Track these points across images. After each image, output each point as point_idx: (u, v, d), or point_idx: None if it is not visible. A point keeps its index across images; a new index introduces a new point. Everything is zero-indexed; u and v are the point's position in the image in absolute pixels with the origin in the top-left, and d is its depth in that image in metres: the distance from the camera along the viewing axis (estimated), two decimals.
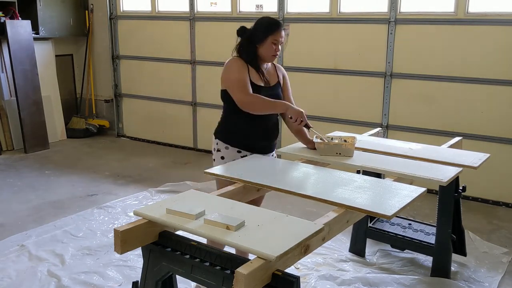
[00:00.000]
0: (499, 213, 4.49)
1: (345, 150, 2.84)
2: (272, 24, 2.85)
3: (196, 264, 1.81)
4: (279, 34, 2.83)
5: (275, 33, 2.82)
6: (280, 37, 2.84)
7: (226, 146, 2.87)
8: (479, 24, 4.54)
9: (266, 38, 2.82)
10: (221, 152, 2.88)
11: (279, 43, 2.85)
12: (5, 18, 6.04)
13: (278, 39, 2.83)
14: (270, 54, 2.85)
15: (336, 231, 2.07)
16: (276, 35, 2.82)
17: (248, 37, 2.89)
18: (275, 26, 2.84)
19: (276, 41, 2.83)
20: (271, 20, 2.89)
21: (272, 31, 2.82)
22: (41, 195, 4.74)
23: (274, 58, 2.91)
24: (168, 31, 6.45)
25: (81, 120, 7.16)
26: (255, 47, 2.86)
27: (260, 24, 2.89)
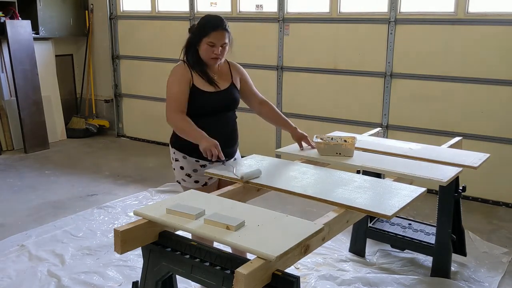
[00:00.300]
0: (499, 213, 4.49)
1: (345, 150, 2.84)
2: (209, 26, 2.61)
3: (196, 264, 1.81)
4: (215, 36, 2.58)
5: (210, 35, 2.58)
6: (217, 39, 2.58)
7: (183, 155, 2.71)
8: (479, 24, 4.54)
9: (201, 40, 2.60)
10: (179, 162, 2.74)
11: (218, 45, 2.60)
12: (5, 18, 6.04)
13: (215, 41, 2.58)
14: (208, 57, 2.63)
15: (336, 231, 2.07)
16: (211, 37, 2.58)
17: (191, 36, 2.69)
18: (211, 28, 2.59)
19: (212, 43, 2.59)
20: (207, 21, 2.65)
21: (206, 33, 2.58)
22: (41, 195, 4.74)
23: (215, 62, 2.66)
24: (168, 31, 6.45)
25: (81, 120, 7.16)
26: (196, 48, 2.67)
27: (199, 23, 2.67)
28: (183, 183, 2.78)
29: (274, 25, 5.59)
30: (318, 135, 2.95)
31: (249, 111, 3.04)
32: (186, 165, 2.72)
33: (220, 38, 2.60)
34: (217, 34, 2.59)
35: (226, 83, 2.77)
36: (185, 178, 2.75)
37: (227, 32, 2.63)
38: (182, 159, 2.72)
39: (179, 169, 2.75)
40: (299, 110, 5.59)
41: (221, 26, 2.61)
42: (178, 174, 2.79)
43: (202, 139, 2.52)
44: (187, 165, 2.72)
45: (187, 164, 2.72)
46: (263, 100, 2.94)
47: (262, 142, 5.73)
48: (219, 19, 2.65)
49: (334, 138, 2.97)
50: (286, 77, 5.66)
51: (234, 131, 2.83)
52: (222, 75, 2.78)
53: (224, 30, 2.62)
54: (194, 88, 2.65)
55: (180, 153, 2.72)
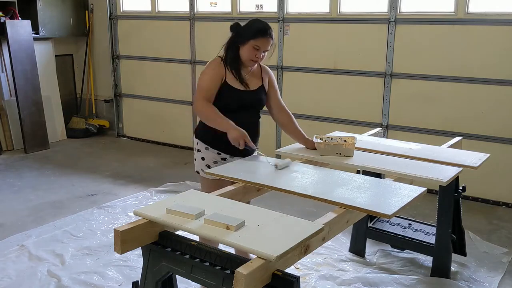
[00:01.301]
0: (499, 213, 4.49)
1: (345, 150, 2.84)
2: (259, 30, 2.73)
3: (196, 264, 1.81)
4: (262, 41, 2.71)
5: (258, 39, 2.70)
6: (263, 44, 2.72)
7: (206, 147, 2.82)
8: (479, 24, 4.54)
9: (248, 41, 2.71)
10: (201, 153, 2.84)
11: (262, 50, 2.73)
12: (5, 18, 6.04)
13: (261, 46, 2.72)
14: (249, 58, 2.74)
15: (336, 231, 2.07)
16: (258, 41, 2.71)
17: (235, 34, 2.79)
18: (261, 33, 2.71)
19: (257, 47, 2.72)
20: (260, 25, 2.76)
21: (255, 37, 2.70)
22: (41, 195, 4.74)
23: (253, 64, 2.79)
24: (168, 31, 6.45)
25: (81, 120, 7.16)
26: (238, 47, 2.76)
27: (249, 24, 2.78)
28: (202, 174, 2.83)
29: (274, 25, 5.59)
30: (318, 135, 2.96)
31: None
32: (207, 156, 2.82)
33: (266, 45, 2.74)
34: (265, 40, 2.72)
35: (256, 84, 2.87)
36: (204, 169, 2.81)
37: (272, 40, 2.77)
38: (205, 150, 2.83)
39: (200, 159, 2.85)
40: (299, 110, 5.58)
41: (269, 34, 2.74)
42: (198, 164, 2.87)
43: (230, 128, 2.64)
44: (208, 156, 2.82)
45: (208, 155, 2.82)
46: (283, 109, 3.02)
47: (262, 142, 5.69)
48: (269, 26, 2.78)
49: (334, 138, 2.97)
50: (286, 77, 5.66)
51: (256, 131, 2.92)
52: (253, 76, 2.88)
53: (271, 38, 2.75)
54: (226, 84, 2.76)
55: (203, 144, 2.83)
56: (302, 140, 3.01)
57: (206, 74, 2.78)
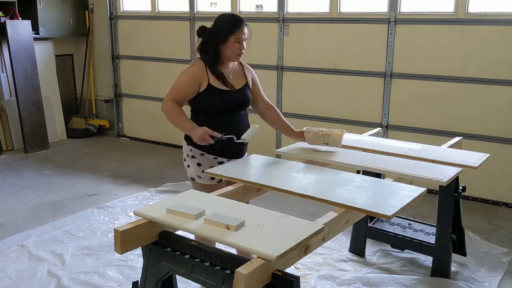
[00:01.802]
0: (499, 213, 4.49)
1: (332, 141, 2.88)
2: (232, 23, 2.71)
3: (196, 264, 1.81)
4: (241, 32, 2.70)
5: (236, 32, 2.69)
6: (243, 34, 2.71)
7: (201, 153, 2.80)
8: (479, 24, 4.54)
9: (228, 38, 2.69)
10: (196, 159, 2.83)
11: (242, 40, 2.72)
12: (5, 18, 6.04)
13: (241, 37, 2.71)
14: (235, 53, 2.73)
15: (336, 231, 2.07)
16: (238, 34, 2.69)
17: (209, 37, 2.75)
18: (236, 24, 2.70)
19: (239, 39, 2.70)
20: (231, 18, 2.75)
21: (233, 30, 2.69)
22: (41, 195, 4.74)
23: (239, 58, 2.79)
24: (168, 31, 6.45)
25: (81, 120, 7.16)
26: (217, 47, 2.73)
27: (220, 23, 2.75)
28: (198, 180, 2.83)
29: (274, 25, 5.59)
30: (308, 127, 2.99)
31: (249, 110, 3.04)
32: (203, 161, 2.81)
33: (244, 34, 2.73)
34: (241, 30, 2.72)
35: (241, 83, 2.85)
36: (201, 175, 2.81)
37: (247, 27, 2.76)
38: (200, 156, 2.81)
39: (196, 166, 2.83)
40: (299, 110, 5.59)
41: (243, 22, 2.74)
42: (193, 171, 2.86)
43: (193, 129, 2.65)
44: (204, 162, 2.81)
45: (204, 161, 2.81)
46: (269, 105, 3.00)
47: (262, 142, 5.72)
48: (239, 17, 2.77)
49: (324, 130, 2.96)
50: (286, 77, 5.66)
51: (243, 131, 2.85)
52: (236, 75, 2.86)
53: (246, 26, 2.75)
54: (210, 87, 2.72)
55: (198, 150, 2.81)
56: (292, 133, 3.00)
57: (183, 76, 2.75)
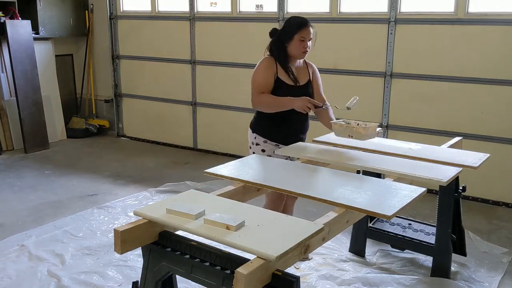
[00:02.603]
0: (499, 213, 4.49)
1: (356, 133, 2.95)
2: (298, 23, 3.06)
3: (196, 264, 1.81)
4: (305, 31, 3.04)
5: (301, 31, 3.03)
6: (307, 34, 3.04)
7: (264, 140, 3.14)
8: (479, 24, 4.54)
9: (293, 36, 3.03)
10: (260, 146, 3.16)
11: (307, 40, 3.04)
12: (5, 18, 6.04)
13: (305, 36, 3.04)
14: (300, 51, 3.06)
15: (336, 231, 2.07)
16: (302, 33, 3.03)
17: (277, 36, 3.10)
18: (302, 24, 3.04)
19: (303, 38, 3.03)
20: (297, 19, 3.09)
21: (298, 29, 3.03)
22: (41, 195, 4.74)
23: (304, 55, 3.11)
24: (168, 31, 6.45)
25: (81, 120, 7.16)
26: (285, 45, 3.07)
27: (287, 23, 3.11)
28: None
29: (274, 25, 5.57)
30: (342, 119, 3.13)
31: (249, 111, 3.08)
32: (267, 148, 3.15)
33: (309, 34, 3.07)
34: (307, 30, 3.06)
35: (305, 79, 3.19)
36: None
37: (312, 29, 3.10)
38: (263, 143, 3.16)
39: (261, 152, 3.16)
40: None
41: (308, 23, 3.08)
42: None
43: (293, 101, 2.99)
44: (268, 148, 3.16)
45: (268, 147, 3.15)
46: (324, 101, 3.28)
47: None
48: (305, 18, 3.12)
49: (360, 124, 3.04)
50: None
51: (306, 121, 3.26)
52: (301, 72, 3.19)
53: (310, 26, 3.08)
54: (278, 80, 3.07)
55: (261, 137, 3.16)
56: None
57: (258, 71, 3.10)
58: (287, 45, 3.07)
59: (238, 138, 5.84)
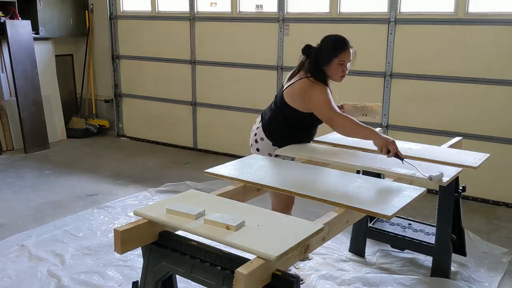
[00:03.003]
0: (499, 213, 4.49)
1: (371, 111, 2.99)
2: (337, 45, 2.81)
3: (196, 264, 1.81)
4: (345, 55, 2.79)
5: (340, 55, 2.78)
6: (346, 57, 2.79)
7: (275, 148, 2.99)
8: (479, 24, 4.54)
9: (332, 60, 2.79)
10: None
11: (347, 62, 2.80)
12: (5, 18, 6.04)
13: (345, 59, 2.79)
14: (338, 75, 2.84)
15: (336, 231, 2.07)
16: (342, 56, 2.78)
17: (314, 57, 2.86)
18: (341, 48, 2.79)
19: (343, 62, 2.79)
20: (336, 40, 2.84)
21: (337, 53, 2.78)
22: (41, 195, 4.74)
23: (342, 79, 2.88)
24: (168, 31, 6.45)
25: (81, 120, 7.16)
26: (322, 68, 2.84)
27: (325, 44, 2.86)
28: None
29: (274, 25, 5.59)
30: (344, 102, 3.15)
31: (249, 111, 3.07)
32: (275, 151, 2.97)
33: (349, 56, 2.81)
34: (347, 53, 2.81)
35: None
36: None
37: (352, 49, 2.84)
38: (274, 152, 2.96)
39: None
40: None
41: (349, 45, 2.81)
42: None
43: (377, 135, 2.65)
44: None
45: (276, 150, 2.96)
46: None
47: None
48: (345, 39, 2.87)
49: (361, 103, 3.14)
50: None
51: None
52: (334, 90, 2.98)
53: (351, 47, 2.83)
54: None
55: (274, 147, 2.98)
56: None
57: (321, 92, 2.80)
58: (325, 68, 2.83)
59: (238, 138, 5.84)
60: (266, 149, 3.03)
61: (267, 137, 3.02)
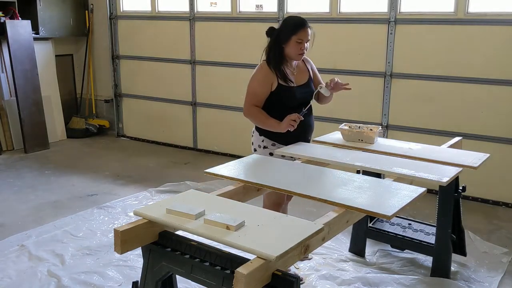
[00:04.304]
0: (499, 213, 4.49)
1: (366, 137, 3.07)
2: (295, 24, 2.96)
3: (196, 264, 1.81)
4: (302, 33, 2.94)
5: (298, 33, 2.93)
6: (304, 36, 2.94)
7: (272, 143, 3.09)
8: (479, 24, 4.54)
9: (290, 38, 2.94)
10: (268, 149, 3.10)
11: (304, 41, 2.96)
12: (5, 18, 6.04)
13: (303, 38, 2.94)
14: (296, 53, 2.98)
15: (336, 231, 2.07)
16: (300, 35, 2.93)
17: (275, 37, 3.02)
18: (299, 26, 2.95)
19: (300, 40, 2.94)
20: (295, 20, 3.00)
21: (296, 31, 2.93)
22: (41, 195, 4.74)
23: (301, 57, 3.04)
24: (168, 31, 6.45)
25: (81, 120, 7.16)
26: (282, 47, 2.99)
27: (284, 24, 3.02)
28: None
29: (274, 25, 5.56)
30: (346, 123, 3.24)
31: None
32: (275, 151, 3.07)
33: (306, 35, 2.96)
34: (304, 31, 2.96)
35: (305, 78, 3.16)
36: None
37: (310, 29, 3.00)
38: (271, 146, 3.10)
39: (269, 155, 3.09)
40: None
41: (306, 24, 2.97)
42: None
43: (278, 125, 2.95)
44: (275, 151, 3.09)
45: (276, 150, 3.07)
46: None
47: None
48: (303, 19, 3.02)
49: (361, 126, 3.19)
50: None
51: (312, 121, 3.23)
52: (300, 70, 3.15)
53: (308, 27, 2.98)
54: (280, 86, 3.01)
55: (269, 140, 3.09)
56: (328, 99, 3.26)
57: (255, 79, 3.04)
58: (284, 47, 2.99)
59: (238, 138, 5.84)
60: (256, 142, 3.16)
61: (255, 128, 3.17)
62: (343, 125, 3.25)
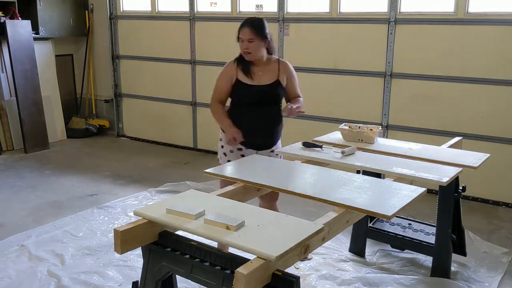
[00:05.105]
0: (499, 213, 4.49)
1: (366, 137, 3.08)
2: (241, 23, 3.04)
3: (196, 264, 1.81)
4: (242, 32, 2.99)
5: (240, 32, 3.01)
6: (243, 35, 2.97)
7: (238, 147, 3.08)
8: (479, 24, 4.54)
9: (237, 36, 3.03)
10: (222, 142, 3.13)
11: (245, 40, 2.97)
12: (5, 18, 6.04)
13: (242, 37, 2.99)
14: (241, 51, 3.04)
15: (336, 231, 2.07)
16: (240, 34, 3.00)
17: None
18: (240, 25, 3.02)
19: (241, 39, 3.00)
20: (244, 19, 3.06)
21: (239, 30, 3.02)
22: (41, 195, 4.74)
23: (249, 56, 3.02)
24: (168, 31, 6.45)
25: (81, 120, 7.16)
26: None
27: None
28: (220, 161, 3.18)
29: (274, 25, 5.58)
30: (346, 123, 3.24)
31: None
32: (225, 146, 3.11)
33: (245, 34, 2.97)
34: (242, 31, 2.99)
35: (270, 79, 3.07)
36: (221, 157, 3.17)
37: (251, 29, 2.97)
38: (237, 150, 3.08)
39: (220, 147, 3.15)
40: None
41: (246, 24, 2.99)
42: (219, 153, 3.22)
43: (228, 128, 2.97)
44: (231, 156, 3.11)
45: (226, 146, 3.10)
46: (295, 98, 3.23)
47: None
48: (249, 19, 3.06)
49: (361, 126, 3.20)
50: None
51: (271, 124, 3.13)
52: (268, 71, 3.09)
53: (248, 27, 2.97)
54: (238, 82, 3.04)
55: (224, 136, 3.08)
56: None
57: (219, 76, 3.13)
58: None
59: None
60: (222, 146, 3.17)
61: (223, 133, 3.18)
62: (343, 125, 3.25)
